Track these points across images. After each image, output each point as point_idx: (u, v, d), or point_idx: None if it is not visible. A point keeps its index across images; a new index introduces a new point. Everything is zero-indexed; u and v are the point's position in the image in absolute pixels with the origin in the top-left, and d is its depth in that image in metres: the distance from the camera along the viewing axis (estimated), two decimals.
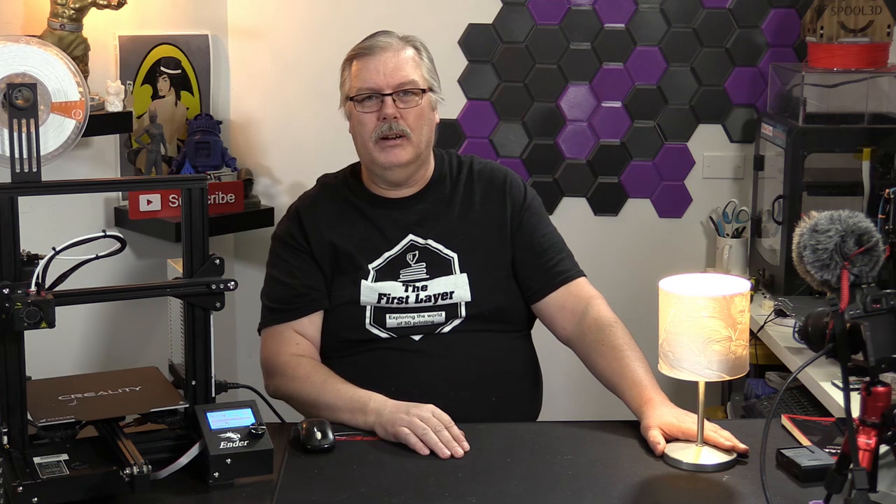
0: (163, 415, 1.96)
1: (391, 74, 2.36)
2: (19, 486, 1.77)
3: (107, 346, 3.25)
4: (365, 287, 2.37)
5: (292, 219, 2.47)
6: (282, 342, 2.38)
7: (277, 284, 2.43)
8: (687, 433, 2.07)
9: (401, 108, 2.36)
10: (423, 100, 2.39)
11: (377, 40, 2.41)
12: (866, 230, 1.66)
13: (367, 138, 2.38)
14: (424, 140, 2.41)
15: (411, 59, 2.40)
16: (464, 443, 2.08)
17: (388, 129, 2.35)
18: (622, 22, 3.57)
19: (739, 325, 1.95)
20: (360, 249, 2.40)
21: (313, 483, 1.96)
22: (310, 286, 2.40)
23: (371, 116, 2.37)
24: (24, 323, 1.77)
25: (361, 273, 2.38)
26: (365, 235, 2.42)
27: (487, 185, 2.49)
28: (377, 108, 2.37)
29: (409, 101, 2.37)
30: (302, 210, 2.47)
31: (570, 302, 2.43)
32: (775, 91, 3.49)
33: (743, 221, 3.57)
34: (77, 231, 1.90)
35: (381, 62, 2.37)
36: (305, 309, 2.40)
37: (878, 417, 1.60)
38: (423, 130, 2.40)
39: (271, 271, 2.46)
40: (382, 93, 2.36)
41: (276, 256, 2.46)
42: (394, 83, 2.36)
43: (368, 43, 2.41)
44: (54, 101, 1.90)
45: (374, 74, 2.37)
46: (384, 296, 2.37)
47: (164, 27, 3.34)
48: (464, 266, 2.41)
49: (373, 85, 2.37)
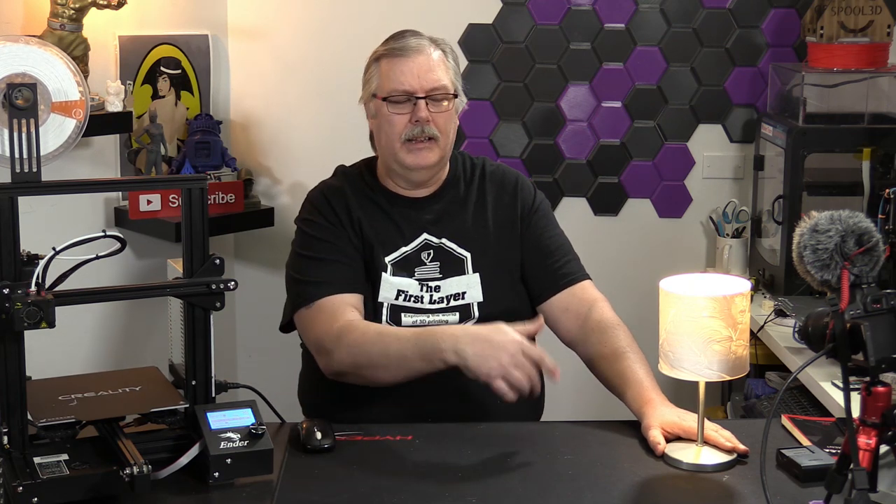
0: (163, 415, 1.96)
1: (424, 77, 2.36)
2: (19, 486, 1.76)
3: (107, 345, 3.25)
4: (385, 282, 2.36)
5: (320, 201, 2.42)
6: (334, 313, 2.30)
7: (321, 263, 2.35)
8: (689, 432, 2.07)
9: (432, 111, 2.36)
10: (453, 104, 2.40)
11: (409, 41, 2.39)
12: (866, 230, 1.66)
13: (394, 138, 2.37)
14: (450, 143, 2.42)
15: (441, 63, 2.40)
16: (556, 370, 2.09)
17: (420, 133, 2.35)
18: (622, 22, 3.57)
19: (740, 325, 1.95)
20: (379, 240, 2.39)
21: (313, 483, 1.95)
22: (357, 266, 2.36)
23: (402, 118, 2.37)
24: (24, 323, 1.77)
25: (381, 266, 2.37)
26: (384, 227, 2.41)
27: (499, 188, 2.50)
28: (409, 110, 2.36)
29: (439, 106, 2.37)
30: (328, 193, 2.43)
31: (574, 304, 2.43)
32: (775, 91, 3.49)
33: (743, 221, 3.57)
34: (77, 231, 1.90)
35: (415, 64, 2.36)
36: (357, 286, 2.34)
37: (878, 417, 1.60)
38: (450, 135, 2.41)
39: (306, 252, 2.38)
40: (416, 95, 2.36)
41: (312, 238, 2.39)
42: (427, 87, 2.36)
43: (401, 44, 2.39)
44: (54, 100, 1.90)
45: (408, 76, 2.36)
46: (402, 292, 2.37)
47: (164, 27, 3.34)
48: (476, 266, 2.41)
49: (407, 87, 2.36)
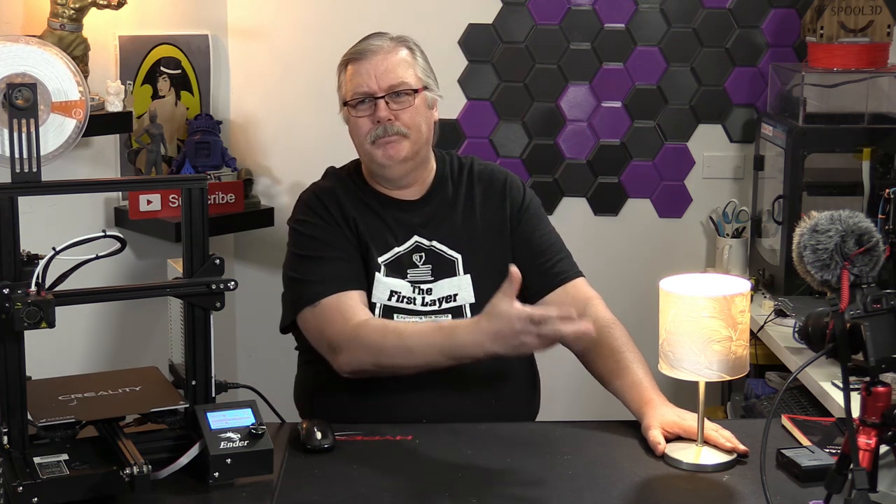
0: (163, 415, 1.96)
1: (382, 77, 2.36)
2: (19, 486, 1.76)
3: (107, 346, 3.25)
4: (378, 282, 2.36)
5: (312, 202, 2.42)
6: (346, 310, 2.29)
7: (320, 261, 2.35)
8: (689, 431, 2.07)
9: (394, 109, 2.36)
10: (417, 99, 2.39)
11: (369, 43, 2.41)
12: (866, 230, 1.66)
13: (363, 140, 2.38)
14: (423, 137, 2.41)
15: (403, 60, 2.40)
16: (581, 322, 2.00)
17: (383, 132, 2.35)
18: (622, 22, 3.57)
19: (740, 325, 1.95)
20: (373, 240, 2.39)
21: (313, 483, 1.96)
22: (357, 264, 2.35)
23: (365, 120, 2.37)
24: (24, 323, 1.77)
25: (374, 266, 2.37)
26: (376, 228, 2.41)
27: (488, 187, 2.49)
28: (371, 111, 2.37)
29: (402, 102, 2.37)
30: (320, 193, 2.43)
31: (568, 303, 2.41)
32: (775, 91, 3.49)
33: (743, 221, 3.57)
34: (77, 231, 1.90)
35: (371, 65, 2.37)
36: (359, 283, 2.34)
37: (878, 417, 1.60)
38: (421, 128, 2.39)
39: (303, 252, 2.38)
40: (375, 96, 2.36)
41: (307, 237, 2.39)
42: (385, 85, 2.36)
43: (360, 46, 2.41)
44: (54, 100, 1.90)
45: (366, 78, 2.37)
46: (395, 293, 2.37)
47: (164, 27, 3.33)
48: (467, 267, 2.41)
49: (365, 88, 2.37)
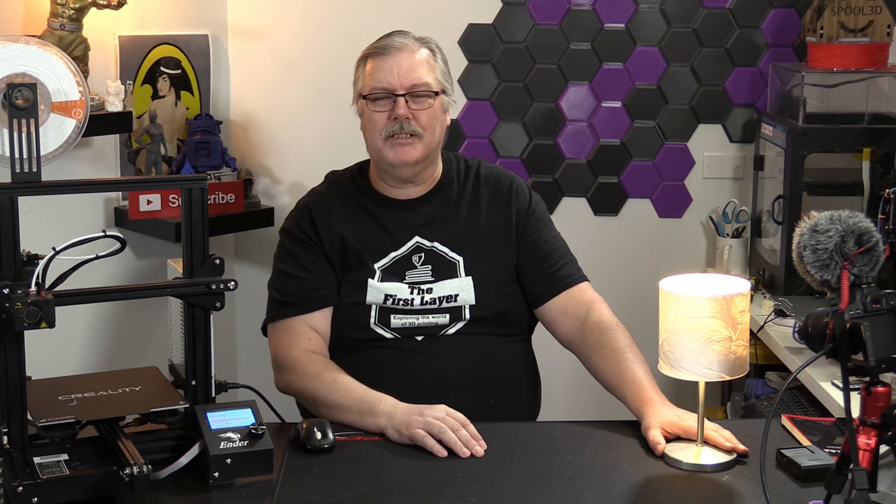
0: (163, 415, 1.96)
1: (405, 75, 2.37)
2: (19, 486, 1.77)
3: (107, 346, 3.25)
4: (371, 287, 2.37)
5: (302, 214, 2.45)
6: (293, 336, 2.36)
7: (289, 278, 2.41)
8: (689, 431, 2.07)
9: (413, 108, 2.36)
10: (436, 102, 2.40)
11: (393, 40, 2.41)
12: (866, 230, 1.66)
13: (376, 136, 2.38)
14: (436, 140, 2.41)
15: (426, 61, 2.40)
16: (481, 441, 2.07)
17: (399, 129, 2.36)
18: (622, 22, 3.57)
19: (739, 325, 1.95)
20: (367, 248, 2.40)
21: (313, 483, 1.95)
22: (323, 281, 2.39)
23: (382, 115, 2.37)
24: (24, 323, 1.77)
25: (368, 272, 2.38)
26: (372, 234, 2.42)
27: (494, 190, 2.50)
28: (389, 107, 2.37)
29: (421, 103, 2.38)
30: (312, 205, 2.46)
31: (572, 307, 2.43)
32: (775, 91, 3.49)
33: (743, 221, 3.57)
34: (77, 231, 1.90)
35: (395, 62, 2.37)
36: (318, 303, 2.39)
37: (878, 417, 1.60)
38: (435, 131, 2.40)
39: (281, 266, 2.44)
40: (395, 93, 2.36)
41: (287, 251, 2.44)
42: (407, 84, 2.37)
43: (384, 42, 2.41)
44: (54, 100, 1.90)
45: (388, 74, 2.37)
46: (390, 297, 2.37)
47: (164, 27, 3.33)
48: (469, 269, 2.41)
49: (386, 85, 2.37)
